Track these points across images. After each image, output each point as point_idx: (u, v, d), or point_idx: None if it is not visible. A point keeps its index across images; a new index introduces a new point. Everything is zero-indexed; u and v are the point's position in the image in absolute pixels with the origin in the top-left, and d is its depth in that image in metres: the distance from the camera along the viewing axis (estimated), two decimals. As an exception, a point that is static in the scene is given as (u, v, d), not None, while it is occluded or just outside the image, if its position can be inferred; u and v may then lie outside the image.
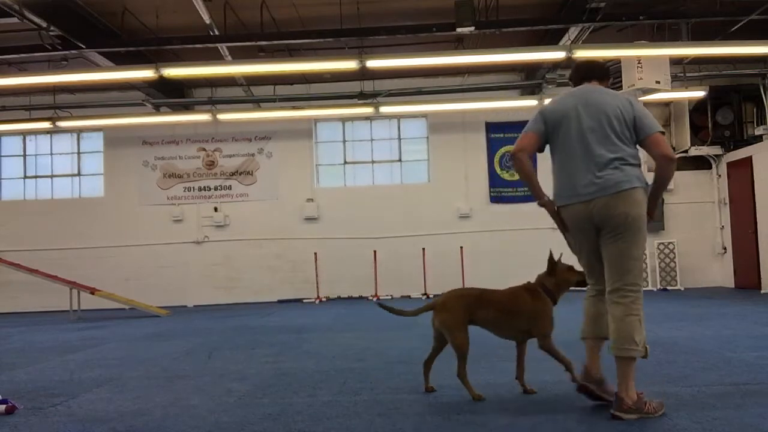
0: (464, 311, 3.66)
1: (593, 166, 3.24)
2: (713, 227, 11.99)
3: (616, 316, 3.19)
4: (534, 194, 3.52)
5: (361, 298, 11.97)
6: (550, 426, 3.03)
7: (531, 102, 11.23)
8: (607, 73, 3.67)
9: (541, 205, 3.53)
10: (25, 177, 12.79)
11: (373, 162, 12.56)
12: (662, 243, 11.72)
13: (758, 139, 10.84)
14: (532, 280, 3.99)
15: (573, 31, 8.69)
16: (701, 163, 12.01)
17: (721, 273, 11.87)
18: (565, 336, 5.87)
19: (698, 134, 11.63)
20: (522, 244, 11.97)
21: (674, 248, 11.69)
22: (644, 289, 3.69)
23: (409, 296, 11.87)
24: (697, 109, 11.58)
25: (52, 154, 12.82)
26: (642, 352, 3.16)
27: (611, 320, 3.22)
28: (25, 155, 12.83)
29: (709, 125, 11.47)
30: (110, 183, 12.54)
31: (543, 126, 3.50)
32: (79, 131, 12.73)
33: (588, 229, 3.33)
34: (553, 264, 3.81)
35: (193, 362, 5.35)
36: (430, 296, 11.73)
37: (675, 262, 11.68)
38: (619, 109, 3.29)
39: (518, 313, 3.74)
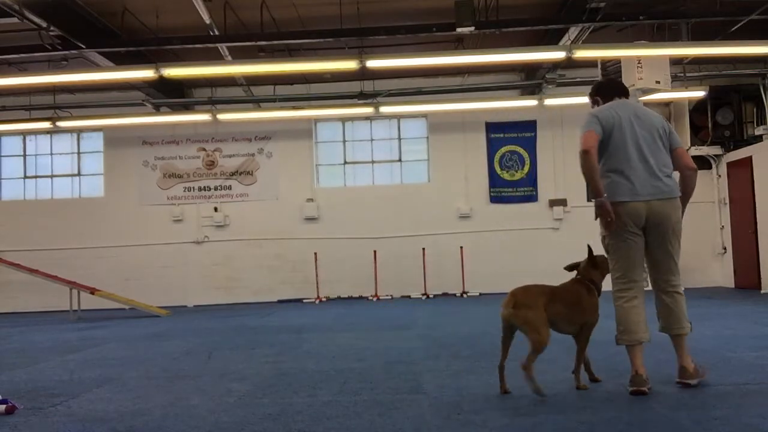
0: (544, 308, 3.71)
1: (652, 172, 3.67)
2: (713, 227, 11.99)
3: (669, 303, 3.75)
4: (594, 191, 3.72)
5: (361, 298, 11.97)
6: (550, 426, 3.03)
7: (531, 102, 11.24)
8: (627, 91, 4.12)
9: (599, 203, 3.71)
10: (25, 177, 12.79)
11: (373, 162, 12.56)
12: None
13: (758, 139, 10.84)
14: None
15: (573, 31, 8.69)
16: (701, 163, 11.98)
17: (721, 273, 11.87)
18: (566, 335, 5.86)
19: (698, 134, 11.62)
20: (522, 244, 11.99)
21: (674, 248, 11.69)
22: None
23: (409, 296, 11.87)
24: (697, 109, 11.58)
25: (52, 154, 12.82)
26: (690, 328, 3.77)
27: (666, 307, 3.76)
28: (25, 155, 12.83)
29: (709, 125, 11.47)
30: (110, 183, 12.54)
31: (601, 129, 3.73)
32: (79, 131, 12.73)
33: (638, 227, 3.69)
34: (594, 257, 3.96)
35: (193, 362, 5.35)
36: (430, 296, 11.73)
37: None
38: (662, 123, 3.81)
39: (580, 307, 3.86)
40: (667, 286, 3.78)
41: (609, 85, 4.13)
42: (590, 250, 3.98)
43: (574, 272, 4.06)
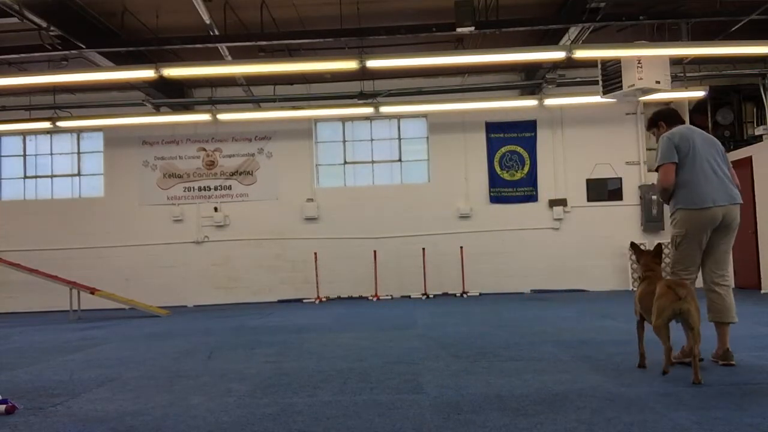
0: None
1: (723, 182, 4.37)
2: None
3: (724, 294, 4.37)
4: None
5: (361, 298, 11.97)
6: (550, 426, 3.03)
7: (531, 102, 11.24)
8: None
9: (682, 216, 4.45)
10: (25, 177, 12.79)
11: (373, 162, 12.56)
12: (663, 243, 11.70)
13: (758, 139, 10.84)
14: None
15: (573, 31, 8.70)
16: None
17: (721, 273, 11.85)
18: (566, 335, 5.87)
19: (698, 134, 11.62)
20: (522, 244, 12.00)
21: (674, 248, 11.68)
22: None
23: (409, 296, 11.87)
24: (697, 109, 11.59)
25: (52, 154, 12.83)
26: (735, 319, 4.40)
27: (720, 298, 4.36)
28: (25, 155, 12.84)
29: (709, 125, 11.47)
30: (110, 183, 12.55)
31: (677, 154, 4.41)
32: (79, 131, 12.73)
33: (709, 229, 4.35)
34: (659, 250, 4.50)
35: (193, 362, 5.35)
36: (430, 296, 11.73)
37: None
38: (720, 145, 4.56)
39: None
40: (722, 281, 4.40)
41: (672, 114, 4.75)
42: (658, 246, 4.54)
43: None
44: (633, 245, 4.72)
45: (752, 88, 11.39)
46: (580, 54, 8.15)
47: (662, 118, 4.73)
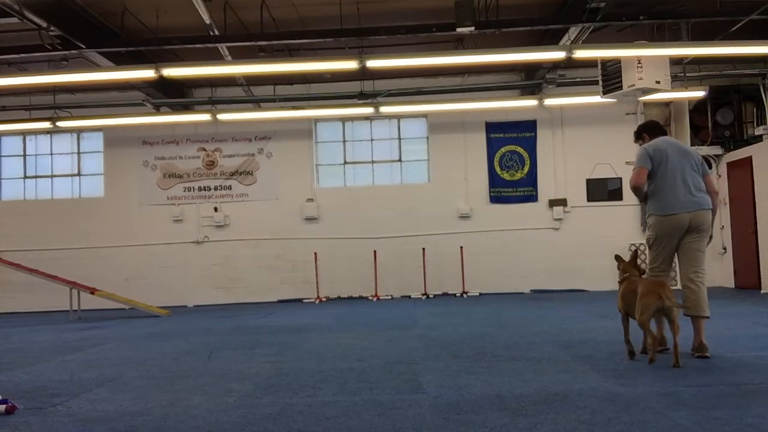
0: None
1: (692, 190, 4.81)
2: (713, 227, 11.96)
3: (695, 289, 4.75)
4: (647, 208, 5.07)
5: (361, 298, 11.97)
6: (550, 426, 3.03)
7: (531, 102, 11.24)
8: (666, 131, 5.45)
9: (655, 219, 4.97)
10: (25, 177, 12.79)
11: (373, 162, 12.56)
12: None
13: (758, 139, 10.84)
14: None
15: (573, 31, 8.69)
16: (701, 163, 12.00)
17: (721, 273, 11.86)
18: (566, 335, 5.87)
19: (698, 134, 11.63)
20: (522, 244, 12.00)
21: (674, 248, 11.68)
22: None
23: (409, 296, 11.87)
24: (697, 109, 11.58)
25: (52, 154, 12.83)
26: (708, 314, 4.75)
27: (692, 293, 4.75)
28: (25, 155, 12.84)
29: (709, 125, 11.47)
30: (110, 183, 12.55)
31: (651, 162, 4.90)
32: (79, 131, 12.73)
33: (679, 232, 4.83)
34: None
35: (193, 362, 5.35)
36: (430, 296, 11.73)
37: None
38: (697, 156, 5.02)
39: None
40: (695, 277, 4.79)
41: (654, 126, 5.35)
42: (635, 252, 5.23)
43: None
44: (617, 257, 5.21)
45: (752, 88, 11.39)
46: (580, 54, 8.15)
47: (646, 130, 5.34)
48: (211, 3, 8.07)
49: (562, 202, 12.09)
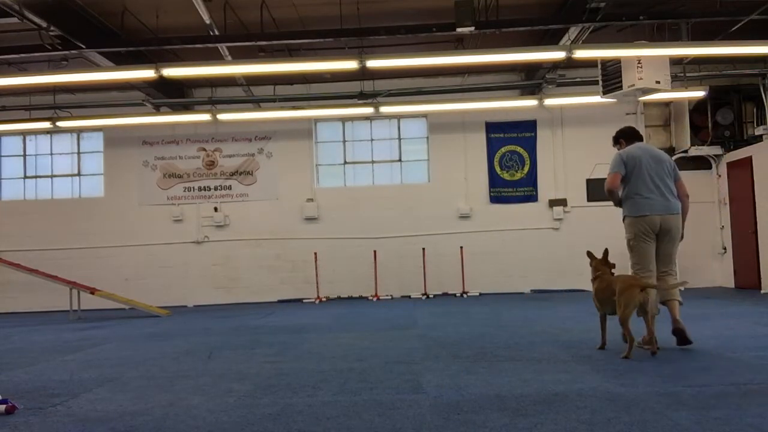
0: None
1: (664, 195, 5.17)
2: (713, 227, 11.98)
3: (670, 283, 5.23)
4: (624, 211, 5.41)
5: (361, 298, 11.97)
6: (550, 426, 3.03)
7: (531, 102, 11.24)
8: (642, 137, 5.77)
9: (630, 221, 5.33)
10: (25, 177, 12.79)
11: (373, 162, 12.56)
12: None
13: (758, 139, 10.84)
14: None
15: (573, 31, 8.69)
16: (701, 163, 12.01)
17: (721, 273, 11.87)
18: (566, 336, 5.87)
19: (698, 134, 11.62)
20: (522, 244, 12.00)
21: (674, 248, 11.68)
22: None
23: (409, 296, 11.87)
24: (697, 109, 11.58)
25: (52, 154, 12.82)
26: (680, 301, 5.16)
27: (664, 283, 5.18)
28: (25, 155, 12.83)
29: (709, 125, 11.47)
30: (110, 183, 12.55)
31: (624, 168, 5.27)
32: (79, 131, 12.73)
33: (653, 233, 5.17)
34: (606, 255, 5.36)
35: (193, 362, 5.35)
36: (430, 296, 11.73)
37: (675, 262, 11.66)
38: (670, 161, 5.36)
39: None
40: (668, 270, 5.26)
41: (630, 132, 5.63)
42: (606, 252, 5.36)
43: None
44: (588, 253, 5.49)
45: (752, 88, 11.38)
46: (580, 54, 8.15)
47: (623, 136, 5.66)
48: (211, 3, 8.07)
49: (562, 202, 12.09)
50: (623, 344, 4.85)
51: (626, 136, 5.62)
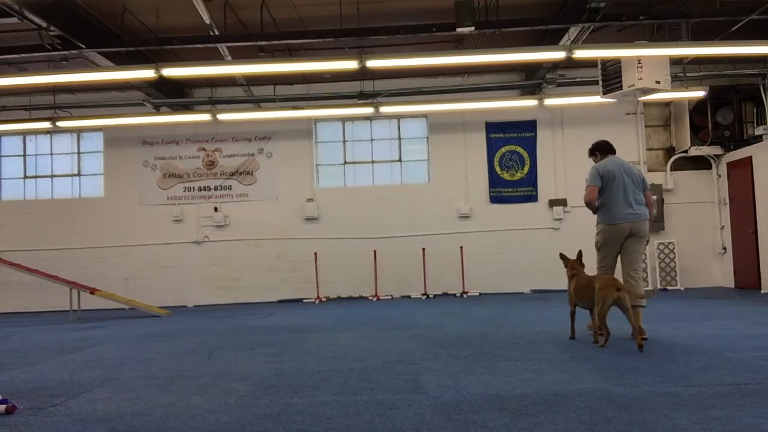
0: None
1: (632, 204, 5.82)
2: (713, 227, 11.99)
3: (634, 285, 5.71)
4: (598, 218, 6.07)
5: (361, 298, 11.97)
6: (550, 426, 3.03)
7: (531, 102, 11.23)
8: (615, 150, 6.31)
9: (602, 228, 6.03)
10: (25, 177, 12.79)
11: (373, 162, 12.56)
12: (662, 243, 11.72)
13: (758, 139, 10.83)
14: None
15: (573, 31, 8.69)
16: (701, 163, 12.02)
17: (721, 273, 11.87)
18: (566, 336, 5.89)
19: (698, 134, 11.62)
20: (522, 244, 11.99)
21: (674, 248, 11.69)
22: (645, 288, 5.43)
23: (409, 296, 11.87)
24: (697, 109, 11.58)
25: (52, 154, 12.82)
26: (645, 304, 5.71)
27: (630, 287, 5.57)
28: (25, 155, 12.83)
29: (709, 125, 11.47)
30: (110, 183, 12.55)
31: (601, 181, 5.86)
32: (79, 131, 12.73)
33: (621, 238, 5.84)
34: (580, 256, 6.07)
35: (193, 362, 5.35)
36: (430, 296, 11.73)
37: (675, 262, 11.68)
38: (639, 173, 6.00)
39: None
40: (634, 273, 5.84)
41: (605, 146, 6.21)
42: (580, 252, 6.09)
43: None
44: (561, 255, 6.24)
45: (752, 88, 11.38)
46: (580, 54, 8.15)
47: (598, 149, 6.24)
48: (211, 3, 8.07)
49: (562, 202, 12.09)
50: (623, 346, 4.86)
51: (601, 149, 6.22)
